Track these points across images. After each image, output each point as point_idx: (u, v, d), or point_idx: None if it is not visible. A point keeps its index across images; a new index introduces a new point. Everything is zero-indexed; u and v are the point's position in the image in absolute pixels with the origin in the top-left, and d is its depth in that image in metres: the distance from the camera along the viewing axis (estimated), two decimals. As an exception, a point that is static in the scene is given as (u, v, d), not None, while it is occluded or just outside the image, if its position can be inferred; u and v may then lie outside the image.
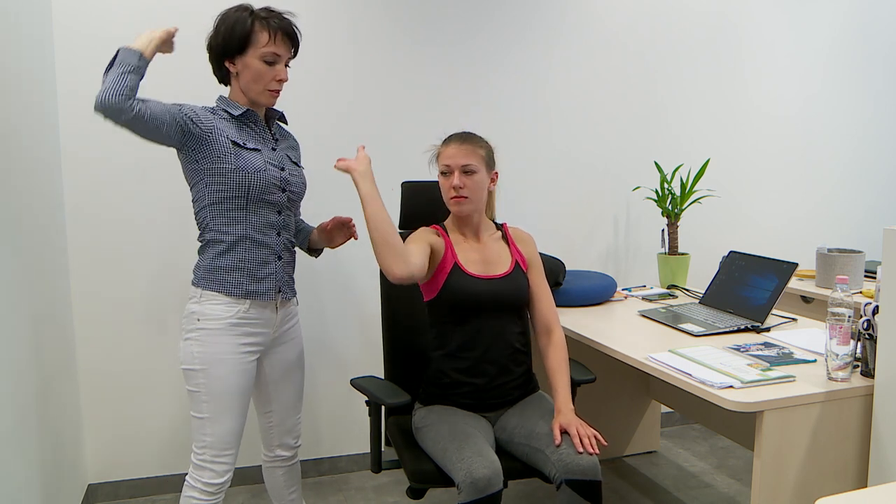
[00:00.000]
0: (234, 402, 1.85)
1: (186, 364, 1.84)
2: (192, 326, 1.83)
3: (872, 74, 3.62)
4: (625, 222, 3.28)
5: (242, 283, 1.85)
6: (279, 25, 1.84)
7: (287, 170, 1.93)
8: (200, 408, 1.83)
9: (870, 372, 1.74)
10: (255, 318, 1.88)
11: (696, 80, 3.30)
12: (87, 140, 2.55)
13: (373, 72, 2.85)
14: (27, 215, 2.08)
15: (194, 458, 1.87)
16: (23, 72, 2.11)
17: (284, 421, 2.07)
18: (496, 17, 2.98)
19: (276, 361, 2.01)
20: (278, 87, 1.88)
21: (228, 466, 1.87)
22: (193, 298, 1.85)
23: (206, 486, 1.85)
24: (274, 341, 1.98)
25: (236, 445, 1.88)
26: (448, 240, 2.06)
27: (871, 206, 3.71)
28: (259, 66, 1.83)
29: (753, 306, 2.32)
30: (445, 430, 1.86)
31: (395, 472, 2.88)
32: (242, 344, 1.86)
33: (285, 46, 1.87)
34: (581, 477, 1.74)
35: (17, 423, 1.89)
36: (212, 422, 1.83)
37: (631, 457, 3.12)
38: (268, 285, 1.89)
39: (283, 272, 1.95)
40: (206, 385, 1.82)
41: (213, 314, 1.82)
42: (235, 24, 1.82)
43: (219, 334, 1.82)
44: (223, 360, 1.82)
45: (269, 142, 1.94)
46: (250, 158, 1.83)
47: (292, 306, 2.04)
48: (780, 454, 1.67)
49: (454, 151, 1.99)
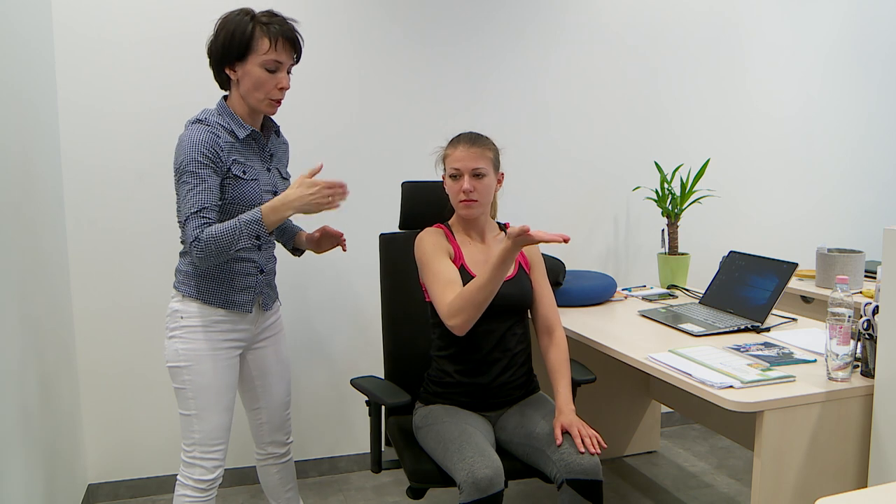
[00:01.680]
0: (220, 398, 1.85)
1: (171, 362, 1.84)
2: (176, 324, 1.84)
3: (872, 74, 3.62)
4: (625, 222, 3.28)
5: (220, 292, 1.84)
6: (280, 31, 1.77)
7: (279, 192, 1.89)
8: (187, 404, 1.84)
9: (870, 372, 1.74)
10: (235, 318, 1.88)
11: (696, 80, 3.30)
12: (87, 141, 2.55)
13: (372, 72, 2.85)
14: (27, 216, 2.08)
15: (184, 456, 1.87)
16: (22, 73, 2.11)
17: (273, 417, 2.07)
18: (496, 17, 2.98)
19: (259, 358, 2.01)
20: (280, 95, 1.82)
21: (218, 462, 1.88)
22: (175, 298, 1.86)
23: (197, 483, 1.86)
24: (255, 337, 1.98)
25: (225, 441, 1.89)
26: (454, 241, 2.06)
27: (871, 206, 3.71)
28: (260, 73, 1.77)
29: (753, 306, 2.32)
30: (446, 429, 1.86)
31: (395, 472, 2.88)
32: (224, 340, 1.86)
33: (287, 53, 1.80)
34: (582, 477, 1.74)
35: (17, 423, 1.89)
36: (199, 418, 1.84)
37: (631, 457, 3.12)
38: (246, 297, 1.88)
39: (264, 284, 1.93)
40: (191, 381, 1.82)
41: (194, 312, 1.83)
42: (236, 29, 1.76)
43: (200, 331, 1.82)
44: (206, 356, 1.83)
45: (266, 161, 1.91)
46: (246, 190, 1.80)
47: (275, 305, 2.04)
48: (780, 454, 1.67)
49: (464, 154, 1.97)
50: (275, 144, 1.97)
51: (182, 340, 1.82)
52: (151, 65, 2.59)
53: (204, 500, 1.88)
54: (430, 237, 2.02)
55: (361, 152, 2.87)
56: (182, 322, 1.83)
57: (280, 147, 2.00)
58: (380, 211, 2.90)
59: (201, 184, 1.71)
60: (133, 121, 2.59)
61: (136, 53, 2.57)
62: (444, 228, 2.08)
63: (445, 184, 2.04)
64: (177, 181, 1.75)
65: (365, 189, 2.88)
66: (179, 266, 1.87)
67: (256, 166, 1.86)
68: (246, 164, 1.82)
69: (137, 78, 2.58)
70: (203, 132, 1.74)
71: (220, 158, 1.75)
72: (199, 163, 1.71)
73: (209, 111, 1.83)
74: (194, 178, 1.71)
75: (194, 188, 1.71)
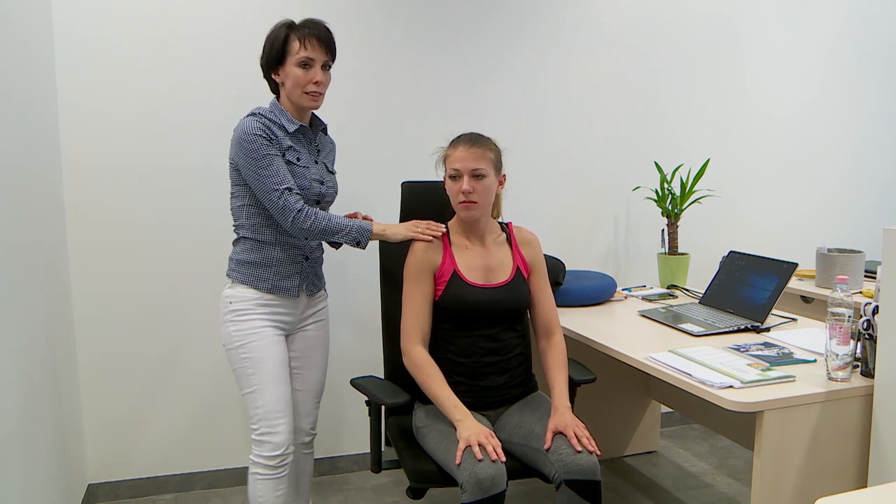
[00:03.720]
0: (275, 369, 1.97)
1: (227, 345, 1.99)
2: (227, 309, 1.99)
3: (872, 75, 3.62)
4: (625, 222, 3.28)
5: (268, 278, 1.99)
6: (310, 31, 1.96)
7: (325, 183, 2.07)
8: (248, 381, 1.97)
9: (870, 372, 1.74)
10: (282, 301, 2.03)
11: (696, 80, 3.30)
12: (87, 141, 2.55)
13: (372, 72, 2.85)
14: (27, 216, 2.08)
15: (253, 436, 1.98)
16: (22, 73, 2.11)
17: (304, 402, 2.17)
18: (496, 17, 2.98)
19: (300, 340, 2.13)
20: (315, 88, 1.97)
21: (284, 437, 1.97)
22: (227, 285, 2.03)
23: (267, 461, 1.97)
24: (300, 322, 2.11)
25: (287, 413, 1.98)
26: (447, 244, 2.05)
27: (871, 206, 3.71)
28: (296, 71, 1.95)
29: (753, 306, 2.32)
30: (447, 429, 1.86)
31: (395, 472, 2.87)
32: (270, 320, 2.00)
33: (317, 50, 1.97)
34: (581, 477, 1.73)
35: (18, 423, 1.89)
36: (260, 392, 1.95)
37: (631, 457, 3.12)
38: (293, 283, 2.03)
39: (310, 271, 2.09)
40: (247, 358, 1.96)
41: (242, 296, 1.98)
42: (275, 39, 1.98)
43: (248, 313, 1.97)
44: (256, 333, 1.97)
45: (314, 154, 2.08)
46: (300, 175, 1.97)
47: (320, 294, 2.18)
48: (780, 454, 1.67)
49: (463, 155, 1.97)
50: (322, 141, 2.14)
51: (233, 323, 1.97)
52: (151, 65, 2.59)
53: (276, 477, 1.98)
54: (421, 249, 2.03)
55: (361, 152, 2.87)
56: (231, 306, 1.98)
57: (327, 144, 2.17)
58: (379, 211, 2.88)
59: (271, 162, 1.90)
60: (133, 120, 2.59)
61: (136, 53, 2.57)
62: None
63: (446, 184, 2.03)
64: (247, 167, 1.90)
65: (365, 189, 2.88)
66: (232, 255, 2.04)
67: (306, 157, 2.03)
68: (299, 151, 2.00)
69: (137, 78, 2.58)
70: (256, 121, 1.93)
71: (276, 139, 1.93)
72: (264, 146, 1.90)
73: (262, 108, 2.00)
74: (264, 159, 1.89)
75: (267, 166, 1.89)
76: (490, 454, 1.73)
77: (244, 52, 2.64)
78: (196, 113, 2.65)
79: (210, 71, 2.65)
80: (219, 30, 2.63)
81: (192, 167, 2.66)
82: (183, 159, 2.65)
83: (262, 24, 2.63)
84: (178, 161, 2.65)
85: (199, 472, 2.80)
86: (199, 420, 2.78)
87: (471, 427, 1.79)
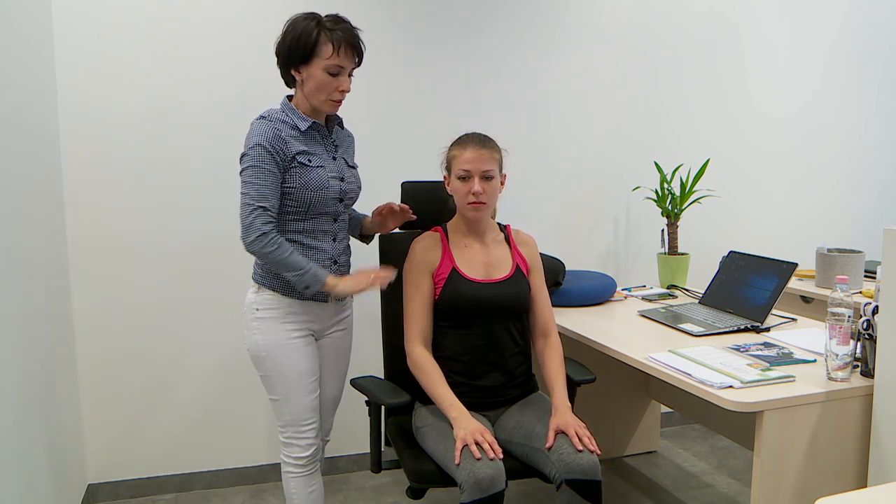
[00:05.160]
0: (301, 381, 1.95)
1: (253, 352, 1.96)
2: (252, 316, 1.95)
3: (872, 74, 3.62)
4: (625, 222, 3.28)
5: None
6: (344, 38, 1.86)
7: (346, 179, 1.99)
8: (274, 389, 1.95)
9: (870, 372, 1.74)
10: (309, 307, 1.97)
11: (696, 80, 3.30)
12: (87, 141, 2.55)
13: (372, 72, 2.84)
14: (27, 216, 2.08)
15: (281, 437, 2.00)
16: (22, 73, 2.11)
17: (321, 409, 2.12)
18: (496, 17, 2.98)
19: (323, 349, 2.08)
20: (340, 97, 1.91)
21: (312, 440, 1.98)
22: (252, 289, 1.97)
23: (296, 461, 1.98)
24: (327, 328, 2.06)
25: (315, 420, 1.99)
26: (446, 244, 2.06)
27: (871, 206, 3.71)
28: (323, 76, 1.86)
29: (753, 306, 2.32)
30: (446, 429, 1.86)
31: (395, 472, 2.87)
32: (297, 329, 1.95)
33: (349, 58, 1.89)
34: (581, 476, 1.74)
35: (18, 423, 1.89)
36: (286, 402, 1.95)
37: (631, 457, 3.12)
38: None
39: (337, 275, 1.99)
40: (273, 368, 1.93)
41: (269, 304, 1.93)
42: (302, 33, 1.84)
43: (276, 322, 1.93)
44: (283, 345, 1.93)
45: (331, 150, 2.00)
46: (314, 176, 1.89)
47: (347, 301, 2.13)
48: (780, 454, 1.67)
49: (474, 156, 1.96)
50: (339, 135, 2.07)
51: (260, 332, 1.93)
52: (151, 65, 2.59)
53: (307, 474, 2.00)
54: (420, 250, 2.05)
55: (361, 152, 2.86)
56: (258, 314, 1.93)
57: (345, 139, 2.10)
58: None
59: (262, 176, 1.82)
60: (133, 120, 2.59)
61: (136, 53, 2.57)
62: (440, 232, 2.09)
63: (451, 185, 2.03)
64: (241, 168, 1.85)
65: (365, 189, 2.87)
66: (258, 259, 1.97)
67: (322, 155, 1.95)
68: (311, 152, 1.91)
69: (137, 78, 2.58)
70: (265, 126, 1.85)
71: (282, 151, 1.84)
72: (261, 155, 1.82)
73: (273, 109, 1.92)
74: (255, 169, 1.82)
75: (255, 178, 1.81)
76: (487, 451, 1.73)
77: (244, 52, 2.64)
78: (196, 113, 2.65)
79: (210, 71, 2.65)
80: (219, 30, 2.63)
81: (192, 167, 2.66)
82: (183, 159, 2.65)
83: (262, 24, 2.65)
84: (178, 161, 2.65)
85: (199, 472, 2.80)
86: (199, 420, 2.78)
87: (466, 425, 1.79)
